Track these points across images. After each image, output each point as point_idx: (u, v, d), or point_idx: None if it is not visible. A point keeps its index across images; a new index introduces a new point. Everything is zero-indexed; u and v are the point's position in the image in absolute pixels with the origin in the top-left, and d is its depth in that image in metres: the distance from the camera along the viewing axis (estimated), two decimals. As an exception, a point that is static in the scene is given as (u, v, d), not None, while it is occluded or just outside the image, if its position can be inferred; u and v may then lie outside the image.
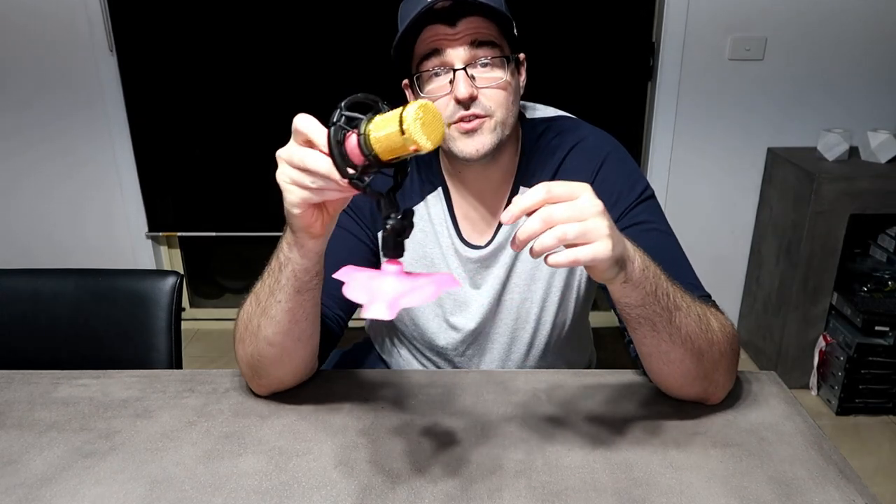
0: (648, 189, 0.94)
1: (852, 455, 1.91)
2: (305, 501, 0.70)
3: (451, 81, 0.85)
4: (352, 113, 0.59)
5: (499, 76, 0.87)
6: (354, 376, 0.95)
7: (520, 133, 0.98)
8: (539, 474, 0.73)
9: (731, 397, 0.86)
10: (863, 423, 2.08)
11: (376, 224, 0.99)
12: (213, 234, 2.54)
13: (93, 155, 2.37)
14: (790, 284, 2.14)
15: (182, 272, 1.74)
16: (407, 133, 0.55)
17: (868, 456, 1.95)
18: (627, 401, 0.87)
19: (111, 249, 2.52)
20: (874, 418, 2.09)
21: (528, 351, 1.04)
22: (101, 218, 2.47)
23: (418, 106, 0.56)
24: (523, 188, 0.96)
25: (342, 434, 0.81)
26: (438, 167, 0.99)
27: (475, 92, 0.85)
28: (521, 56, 0.93)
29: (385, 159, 0.58)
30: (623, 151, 0.97)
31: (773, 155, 2.26)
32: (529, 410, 0.85)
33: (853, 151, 2.15)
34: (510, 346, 1.04)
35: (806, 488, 0.71)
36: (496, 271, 0.99)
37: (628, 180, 0.93)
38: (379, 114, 0.58)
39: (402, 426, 0.82)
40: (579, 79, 2.25)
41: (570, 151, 0.96)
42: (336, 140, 0.59)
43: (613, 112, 2.31)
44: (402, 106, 0.56)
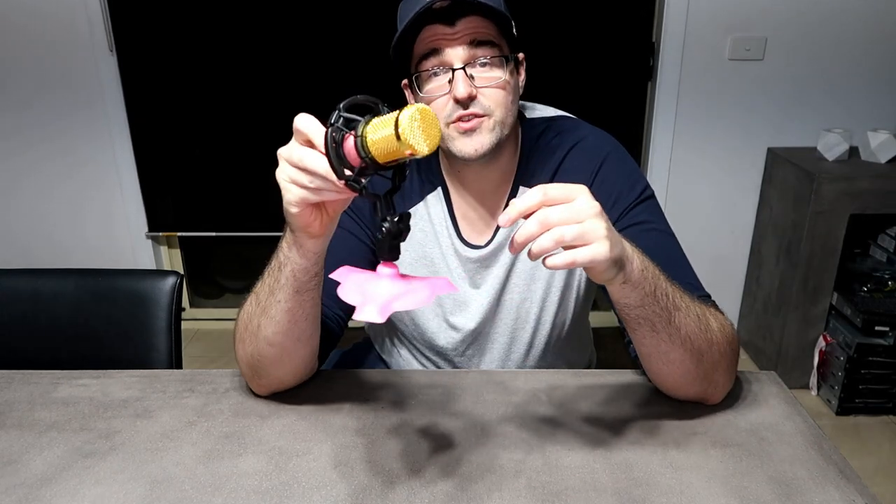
0: (648, 189, 0.94)
1: (852, 455, 1.91)
2: (305, 501, 0.70)
3: (450, 81, 0.85)
4: (350, 115, 0.59)
5: (498, 76, 0.87)
6: (354, 376, 0.95)
7: (519, 133, 0.98)
8: (539, 474, 0.73)
9: (731, 397, 0.86)
10: (863, 423, 2.08)
11: (376, 224, 0.99)
12: (213, 234, 2.54)
13: (93, 155, 2.38)
14: (790, 284, 2.14)
15: (182, 272, 1.74)
16: (402, 137, 0.55)
17: (868, 456, 1.95)
18: (627, 401, 0.87)
19: (111, 249, 2.52)
20: (874, 418, 2.09)
21: (528, 351, 1.04)
22: (101, 218, 2.47)
23: (414, 110, 0.55)
24: (523, 188, 0.96)
25: (342, 434, 0.81)
26: (438, 167, 0.99)
27: (474, 91, 0.85)
28: (521, 55, 0.93)
29: (381, 162, 0.58)
30: (623, 151, 0.97)
31: (773, 155, 2.26)
32: (529, 410, 0.85)
33: (853, 151, 2.15)
34: (510, 346, 1.04)
35: (806, 488, 0.71)
36: (496, 271, 0.99)
37: (628, 180, 0.93)
38: (378, 115, 0.58)
39: (402, 426, 0.82)
40: (579, 79, 2.25)
41: (570, 151, 0.96)
42: (333, 141, 0.59)
43: (613, 112, 2.31)
44: (400, 109, 0.56)
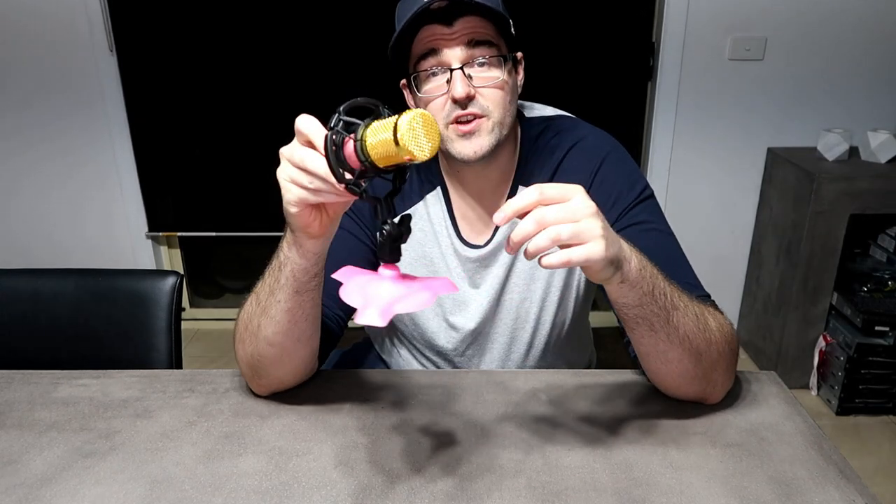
0: (648, 189, 0.94)
1: (852, 455, 1.91)
2: (305, 501, 0.70)
3: (449, 81, 0.85)
4: (350, 118, 0.59)
5: (496, 75, 0.87)
6: (354, 376, 0.95)
7: (518, 132, 0.98)
8: (539, 474, 0.73)
9: (731, 397, 0.86)
10: (863, 423, 2.08)
11: (376, 224, 0.99)
12: (213, 234, 2.54)
13: (93, 155, 2.37)
14: (790, 284, 2.14)
15: (182, 272, 1.74)
16: (401, 143, 0.55)
17: (868, 456, 1.95)
18: (627, 401, 0.87)
19: (111, 249, 2.52)
20: (874, 418, 2.09)
21: (528, 351, 1.04)
22: (101, 218, 2.48)
23: (413, 116, 0.55)
24: (522, 188, 0.96)
25: (342, 434, 0.81)
26: (437, 167, 0.99)
27: (472, 91, 0.85)
28: (519, 55, 0.93)
29: (381, 166, 0.58)
30: (622, 151, 0.97)
31: (773, 155, 2.26)
32: (529, 410, 0.85)
33: (853, 151, 2.15)
34: (510, 346, 1.04)
35: (806, 488, 0.71)
36: (495, 271, 0.99)
37: (628, 180, 0.93)
38: (378, 118, 0.58)
39: (402, 426, 0.82)
40: (579, 79, 2.25)
41: (570, 151, 0.96)
42: (333, 145, 0.58)
43: (613, 112, 2.31)
44: (399, 114, 0.56)
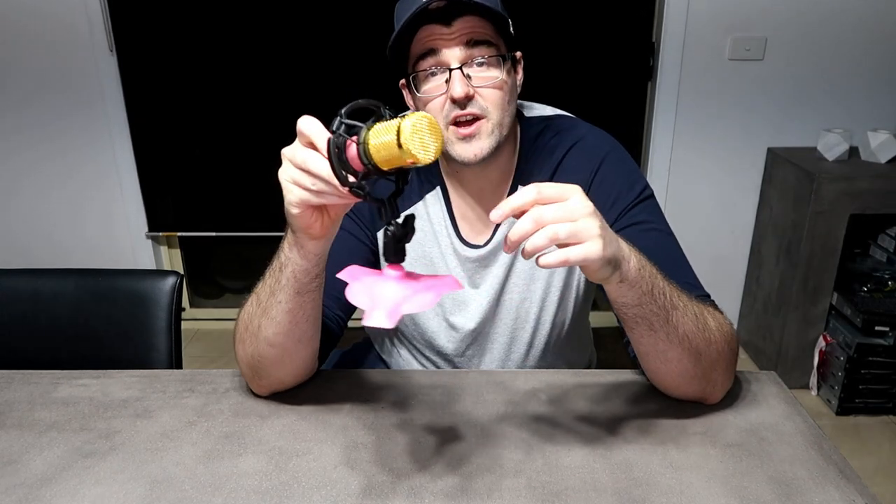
0: (647, 189, 0.94)
1: (852, 455, 1.91)
2: (305, 501, 0.70)
3: (448, 81, 0.85)
4: (351, 121, 0.59)
5: (495, 75, 0.87)
6: (354, 376, 0.95)
7: (518, 132, 0.98)
8: (539, 474, 0.73)
9: (731, 397, 0.86)
10: (863, 423, 2.08)
11: (376, 225, 0.99)
12: (213, 234, 2.54)
13: (93, 155, 2.37)
14: (790, 284, 2.14)
15: (182, 272, 1.74)
16: (404, 147, 0.55)
17: (868, 456, 1.95)
18: (627, 401, 0.87)
19: (111, 249, 2.52)
20: (874, 418, 2.09)
21: (528, 351, 1.04)
22: (101, 218, 2.47)
23: (416, 119, 0.55)
24: (521, 188, 0.96)
25: (342, 434, 0.81)
26: (437, 167, 0.99)
27: (471, 91, 0.85)
28: (518, 54, 0.93)
29: (384, 168, 0.58)
30: (622, 151, 0.97)
31: (773, 155, 2.26)
32: (529, 410, 0.85)
33: (853, 151, 2.15)
34: (510, 346, 1.04)
35: (806, 488, 0.71)
36: (495, 271, 0.99)
37: (627, 180, 0.93)
38: (380, 121, 0.58)
39: (402, 426, 0.82)
40: (579, 79, 2.25)
41: (569, 151, 0.96)
42: (336, 147, 0.58)
43: (613, 112, 2.31)
44: (402, 116, 0.56)
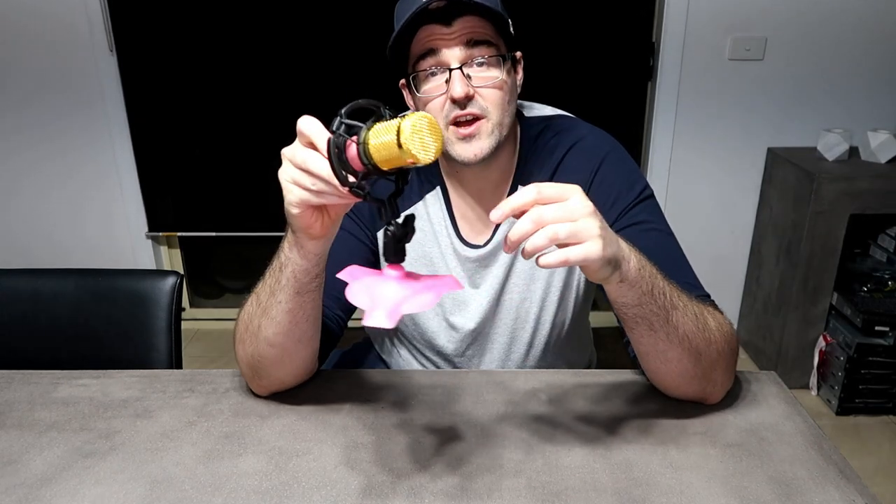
0: (647, 189, 0.94)
1: (852, 455, 1.91)
2: (305, 501, 0.70)
3: (448, 81, 0.85)
4: (351, 121, 0.59)
5: (495, 75, 0.87)
6: (354, 376, 0.95)
7: (518, 132, 0.98)
8: (539, 474, 0.73)
9: (731, 397, 0.86)
10: (863, 423, 2.08)
11: (375, 225, 0.99)
12: (213, 234, 2.54)
13: (93, 155, 2.37)
14: (790, 284, 2.14)
15: (182, 272, 1.74)
16: (404, 147, 0.55)
17: (868, 456, 1.95)
18: (627, 401, 0.87)
19: (111, 249, 2.52)
20: (874, 418, 2.09)
21: (528, 351, 1.04)
22: (101, 218, 2.47)
23: (416, 119, 0.55)
24: (521, 188, 0.96)
25: (342, 434, 0.81)
26: (437, 167, 0.99)
27: (471, 91, 0.85)
28: (518, 54, 0.93)
29: (384, 168, 0.58)
30: (622, 151, 0.97)
31: (773, 155, 2.26)
32: (529, 410, 0.85)
33: (853, 151, 2.15)
34: (510, 346, 1.04)
35: (806, 488, 0.71)
36: (495, 271, 0.99)
37: (627, 180, 0.93)
38: (380, 120, 0.58)
39: (403, 426, 0.82)
40: (579, 79, 2.25)
41: (569, 151, 0.96)
42: (336, 148, 0.58)
43: (613, 112, 2.31)
44: (402, 116, 0.56)
